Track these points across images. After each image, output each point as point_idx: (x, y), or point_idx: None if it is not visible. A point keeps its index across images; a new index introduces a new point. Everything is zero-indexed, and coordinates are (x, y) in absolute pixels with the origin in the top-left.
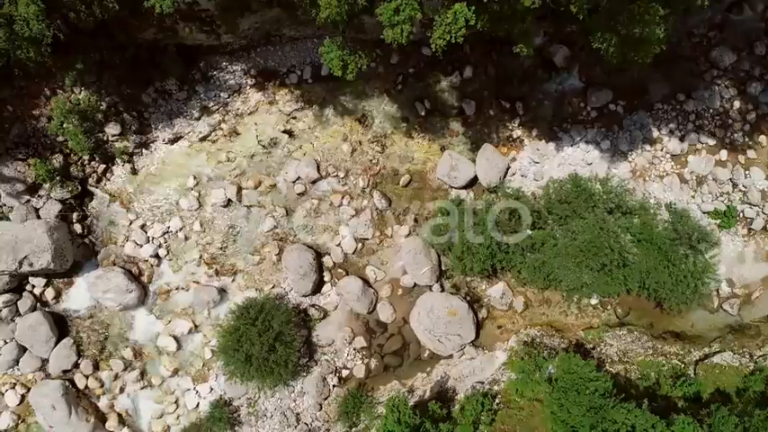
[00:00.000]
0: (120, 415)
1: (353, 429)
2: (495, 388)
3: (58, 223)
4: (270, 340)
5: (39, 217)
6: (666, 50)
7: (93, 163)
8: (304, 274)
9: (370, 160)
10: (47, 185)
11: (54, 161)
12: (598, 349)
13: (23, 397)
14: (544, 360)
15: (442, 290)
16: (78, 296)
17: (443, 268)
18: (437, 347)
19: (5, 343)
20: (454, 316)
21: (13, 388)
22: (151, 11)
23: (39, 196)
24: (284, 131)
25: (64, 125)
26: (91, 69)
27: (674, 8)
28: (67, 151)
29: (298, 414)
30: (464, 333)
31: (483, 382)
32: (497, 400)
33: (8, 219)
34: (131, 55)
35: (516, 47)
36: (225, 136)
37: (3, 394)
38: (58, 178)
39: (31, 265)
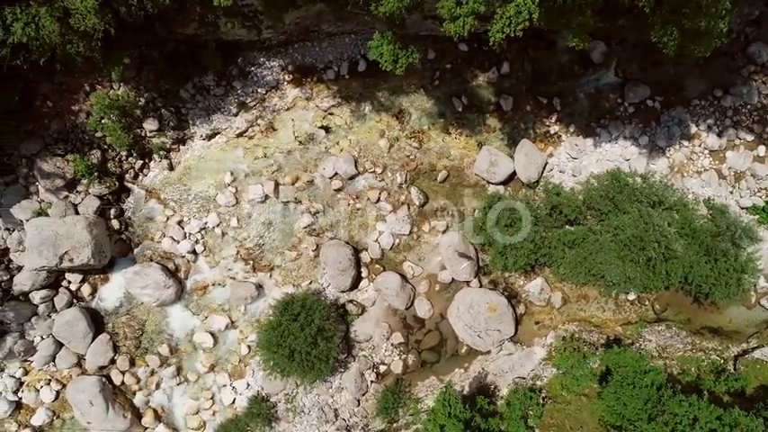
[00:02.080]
0: (155, 411)
1: (394, 425)
2: (539, 383)
3: (96, 219)
4: (312, 335)
5: (77, 213)
6: None
7: (130, 159)
8: (343, 270)
9: (408, 156)
10: (85, 181)
11: (92, 157)
12: (637, 345)
13: (59, 393)
14: (592, 354)
15: (480, 286)
16: (114, 292)
17: (480, 264)
18: (476, 343)
19: (42, 339)
20: (494, 312)
21: (49, 384)
22: (194, 7)
23: (77, 192)
24: (321, 127)
25: (102, 121)
26: (131, 65)
27: (735, 2)
28: (105, 147)
29: (336, 410)
30: (504, 329)
31: (524, 378)
32: (543, 395)
33: (47, 214)
34: (171, 50)
35: (571, 41)
36: (262, 132)
37: (38, 390)
38: (95, 174)
39: (71, 260)
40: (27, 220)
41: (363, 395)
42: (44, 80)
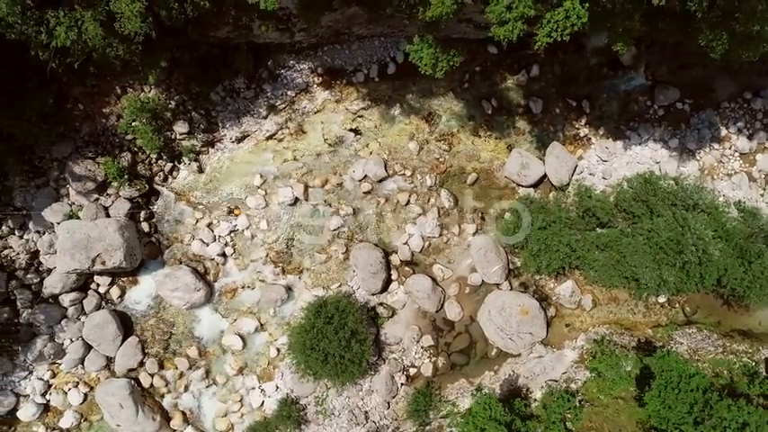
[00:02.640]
0: (184, 413)
1: (425, 428)
2: (573, 386)
3: (127, 222)
4: (346, 339)
5: (108, 215)
6: None
7: (159, 161)
8: (375, 272)
9: (437, 158)
10: (115, 184)
11: (122, 160)
12: (668, 347)
13: (86, 395)
14: (625, 357)
15: (510, 288)
16: (143, 294)
17: (510, 267)
18: (508, 346)
19: (72, 342)
20: (526, 314)
21: (76, 386)
22: (229, 10)
23: (107, 195)
24: (350, 130)
25: (133, 123)
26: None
27: None
28: (135, 150)
29: (366, 412)
30: (536, 331)
31: (557, 381)
32: (579, 398)
33: (78, 217)
34: (204, 53)
35: (615, 45)
36: (291, 134)
37: (66, 393)
38: (126, 177)
39: (103, 263)
40: (58, 223)
41: (393, 397)
42: (76, 83)
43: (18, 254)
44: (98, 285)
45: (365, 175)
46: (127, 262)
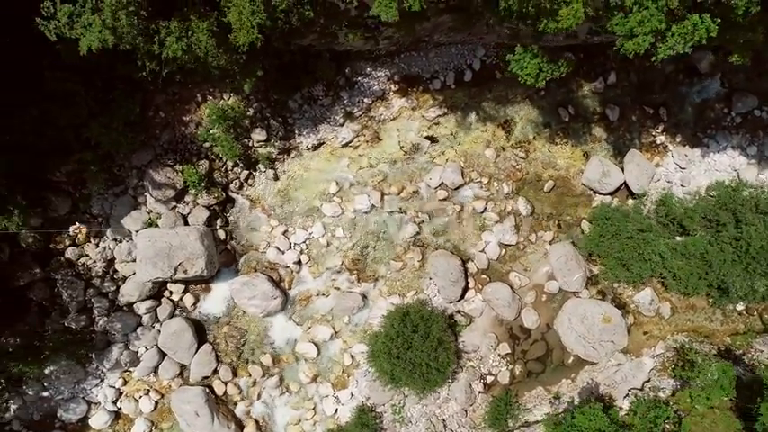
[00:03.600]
0: (256, 421)
1: None
2: (661, 395)
3: (206, 230)
4: (434, 347)
5: (186, 223)
6: None
7: (235, 169)
8: (455, 280)
9: (513, 166)
10: (193, 191)
11: (200, 167)
12: (748, 355)
13: (157, 403)
14: (708, 365)
15: (589, 296)
16: (217, 302)
17: (588, 274)
18: (589, 354)
19: (146, 349)
20: (608, 323)
21: (147, 394)
22: (318, 18)
23: (184, 203)
24: (426, 137)
25: (211, 131)
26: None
27: None
28: (213, 158)
29: (443, 420)
30: (617, 339)
31: (642, 389)
32: (673, 408)
33: (156, 225)
34: (288, 61)
35: (733, 57)
36: (367, 142)
37: (137, 400)
38: (203, 184)
39: (185, 271)
40: (137, 231)
41: (471, 405)
42: (159, 91)
43: (95, 262)
44: (171, 293)
45: (441, 183)
46: (207, 270)
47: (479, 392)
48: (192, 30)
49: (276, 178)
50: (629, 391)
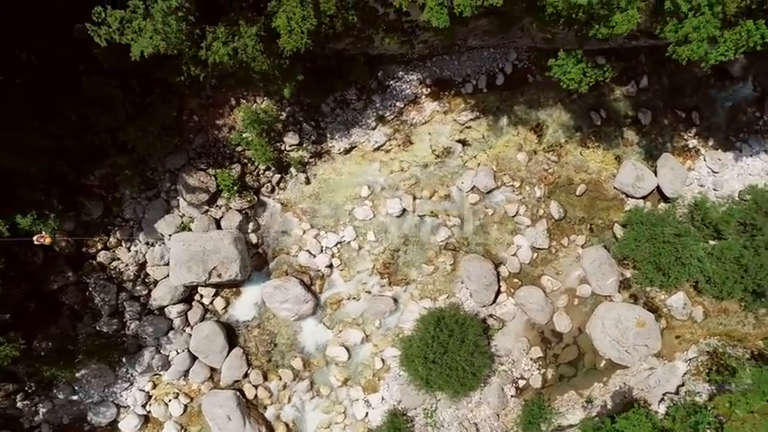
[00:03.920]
0: (287, 425)
1: None
2: (698, 399)
3: (239, 234)
4: (470, 351)
5: (219, 227)
6: None
7: (267, 172)
8: (488, 284)
9: (546, 169)
10: (225, 195)
11: (232, 171)
12: None
13: (186, 407)
14: (743, 369)
15: (621, 300)
16: (247, 306)
17: (620, 278)
18: (623, 358)
19: (178, 353)
20: (642, 327)
21: (177, 398)
22: (355, 22)
23: (217, 206)
24: (458, 141)
25: (244, 135)
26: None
27: None
28: (245, 161)
29: (476, 424)
30: (651, 343)
31: (677, 393)
32: (713, 412)
33: (189, 229)
34: (322, 65)
35: None
36: (398, 145)
37: (167, 404)
38: (235, 188)
39: (219, 275)
40: (170, 235)
41: (503, 410)
42: (193, 95)
43: (127, 266)
44: (202, 297)
45: (473, 186)
46: (241, 274)
47: (511, 396)
48: (240, 35)
49: (308, 182)
50: (664, 395)
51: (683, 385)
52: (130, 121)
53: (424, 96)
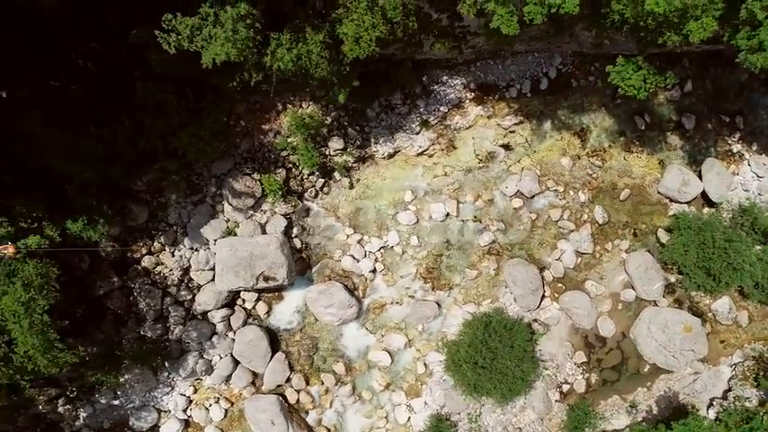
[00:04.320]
0: (328, 430)
1: None
2: (748, 405)
3: (284, 238)
4: (519, 356)
5: (264, 232)
6: None
7: (311, 177)
8: (534, 289)
9: (590, 174)
10: (270, 200)
11: (277, 176)
12: None
13: (227, 411)
14: None
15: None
16: (289, 310)
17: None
18: (669, 363)
19: (221, 358)
20: (689, 332)
21: (217, 402)
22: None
23: (261, 211)
24: (501, 145)
25: (290, 139)
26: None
27: None
28: (289, 166)
29: (520, 429)
30: (698, 348)
31: (725, 399)
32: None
33: (235, 234)
34: (372, 70)
35: None
36: (442, 150)
37: (207, 409)
38: (280, 193)
39: (266, 280)
40: (215, 240)
41: (547, 415)
42: (241, 100)
43: (171, 270)
44: (244, 301)
45: (517, 191)
46: (287, 279)
47: (556, 401)
48: (304, 41)
49: (351, 186)
50: (712, 400)
51: (730, 390)
52: (183, 127)
53: (468, 101)
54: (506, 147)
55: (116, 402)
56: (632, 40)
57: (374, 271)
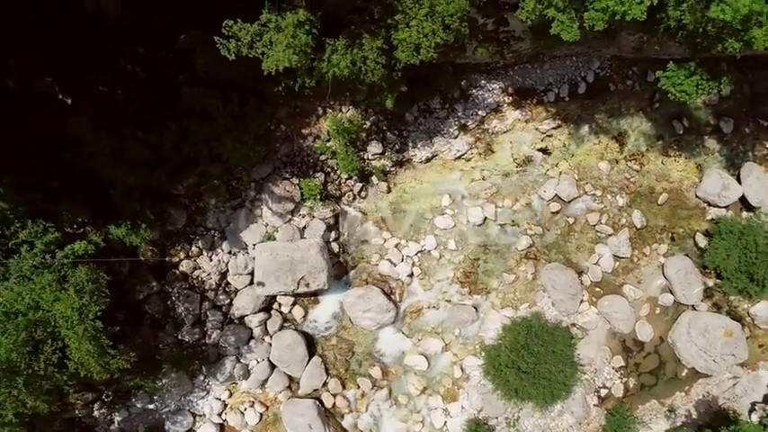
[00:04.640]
0: None
1: None
2: None
3: (323, 243)
4: (562, 360)
5: (302, 236)
6: None
7: (349, 181)
8: (574, 293)
9: (627, 178)
10: (308, 204)
11: (316, 180)
12: None
13: (261, 415)
14: None
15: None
16: (325, 314)
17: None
18: (709, 367)
19: (258, 362)
20: (730, 336)
21: (252, 406)
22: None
23: (300, 216)
24: (539, 150)
25: (329, 144)
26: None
27: None
28: (327, 170)
29: None
30: (738, 353)
31: (767, 403)
32: None
33: (274, 238)
34: (414, 74)
35: None
36: (479, 154)
37: (243, 413)
38: (319, 197)
39: (307, 285)
40: (254, 245)
41: (585, 419)
42: (283, 105)
43: (209, 275)
44: (281, 306)
45: (555, 195)
46: (327, 284)
47: (594, 406)
48: (359, 47)
49: (388, 191)
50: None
51: None
52: (227, 132)
53: (505, 105)
54: (544, 151)
55: (151, 406)
56: (687, 46)
57: (411, 275)
